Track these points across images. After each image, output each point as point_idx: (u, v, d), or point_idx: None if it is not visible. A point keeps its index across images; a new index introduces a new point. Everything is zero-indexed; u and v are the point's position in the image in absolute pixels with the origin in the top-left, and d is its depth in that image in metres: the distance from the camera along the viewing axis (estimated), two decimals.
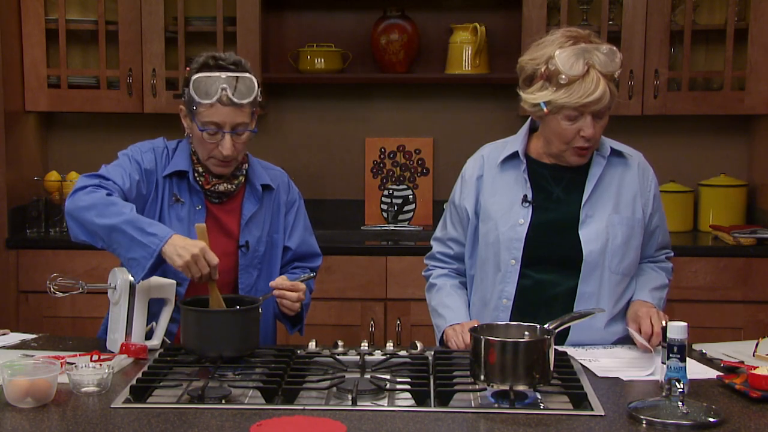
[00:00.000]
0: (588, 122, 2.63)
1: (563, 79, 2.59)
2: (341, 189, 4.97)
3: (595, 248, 2.71)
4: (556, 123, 2.67)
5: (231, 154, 2.72)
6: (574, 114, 2.63)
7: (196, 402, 2.18)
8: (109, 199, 2.61)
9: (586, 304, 2.71)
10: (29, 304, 4.38)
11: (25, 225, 4.53)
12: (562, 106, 2.61)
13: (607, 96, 2.61)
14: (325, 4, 4.85)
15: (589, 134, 2.64)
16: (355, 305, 4.32)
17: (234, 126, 2.71)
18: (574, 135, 2.66)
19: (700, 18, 4.64)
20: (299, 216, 3.00)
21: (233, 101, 2.68)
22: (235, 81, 2.69)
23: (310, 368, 2.47)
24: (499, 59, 4.73)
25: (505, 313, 2.75)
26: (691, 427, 2.04)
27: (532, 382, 2.19)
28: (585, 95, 2.59)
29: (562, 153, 2.72)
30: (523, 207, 2.76)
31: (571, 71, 2.58)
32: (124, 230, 2.54)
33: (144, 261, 2.53)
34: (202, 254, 2.52)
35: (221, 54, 2.77)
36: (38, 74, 4.56)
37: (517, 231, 2.74)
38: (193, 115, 2.73)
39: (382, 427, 2.04)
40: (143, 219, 2.59)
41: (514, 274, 2.75)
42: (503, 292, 2.76)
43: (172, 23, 4.59)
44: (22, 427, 2.05)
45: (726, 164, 4.77)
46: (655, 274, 2.86)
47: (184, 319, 2.54)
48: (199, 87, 2.69)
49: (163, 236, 2.53)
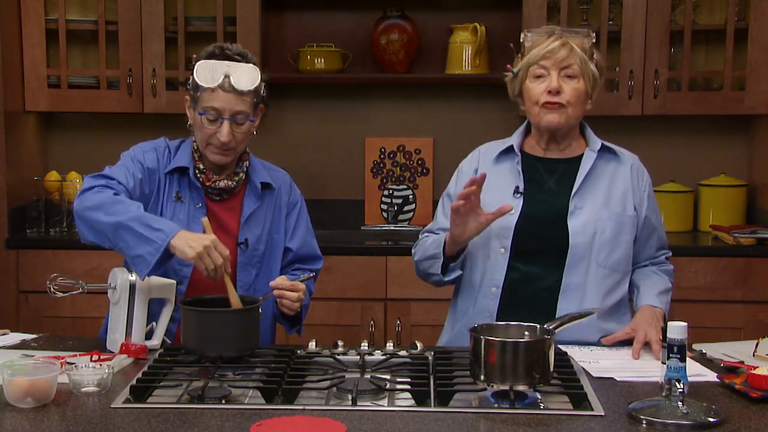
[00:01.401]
0: (553, 76, 2.74)
1: (529, 42, 2.77)
2: (341, 189, 4.98)
3: (582, 240, 2.74)
4: (526, 88, 2.79)
5: (228, 141, 2.73)
6: (540, 72, 2.75)
7: (196, 402, 2.18)
8: (115, 198, 2.62)
9: (570, 295, 2.74)
10: (29, 304, 4.38)
11: (25, 225, 4.53)
12: (528, 64, 2.76)
13: (568, 50, 2.74)
14: (325, 4, 4.86)
15: (554, 87, 2.73)
16: (355, 305, 4.32)
17: (234, 113, 2.72)
18: (541, 92, 2.75)
19: (700, 18, 4.64)
20: (301, 218, 3.01)
21: (235, 88, 2.70)
22: (238, 69, 2.72)
23: (310, 368, 2.47)
24: (499, 59, 4.72)
25: (493, 301, 2.78)
26: (691, 427, 2.04)
27: (532, 382, 2.19)
28: (545, 47, 2.74)
29: (537, 118, 2.79)
30: (515, 197, 2.79)
31: (537, 37, 2.77)
32: (131, 227, 2.55)
33: (149, 257, 2.53)
34: (214, 245, 2.53)
35: (228, 45, 2.81)
36: (38, 74, 4.56)
37: (508, 220, 2.76)
38: (195, 102, 2.75)
39: (382, 427, 2.04)
40: (150, 216, 2.60)
41: (503, 263, 2.77)
42: (492, 281, 2.78)
43: (172, 23, 4.60)
44: (22, 427, 2.05)
45: (726, 164, 4.78)
46: (658, 278, 2.88)
47: (184, 319, 2.55)
48: (202, 72, 2.71)
49: (169, 232, 2.54)
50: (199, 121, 2.74)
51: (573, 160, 2.83)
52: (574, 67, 2.73)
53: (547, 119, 2.76)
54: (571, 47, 2.73)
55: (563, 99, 2.73)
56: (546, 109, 2.75)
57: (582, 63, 2.74)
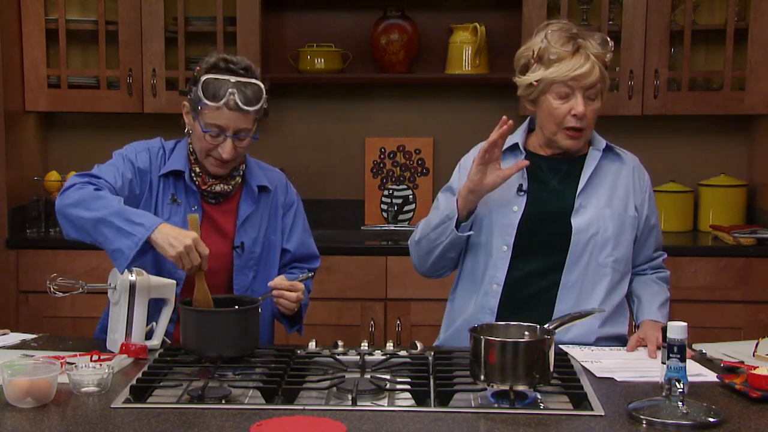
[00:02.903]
0: (579, 100, 2.70)
1: (553, 55, 2.69)
2: (341, 189, 4.98)
3: (583, 237, 2.75)
4: (547, 104, 2.73)
5: (230, 158, 2.73)
6: (565, 91, 2.70)
7: (196, 402, 2.18)
8: (96, 193, 2.61)
9: (569, 293, 2.74)
10: (29, 304, 4.39)
11: (25, 225, 4.54)
12: (552, 81, 2.70)
13: (596, 73, 2.69)
14: (325, 4, 4.86)
15: (580, 112, 2.69)
16: (355, 305, 4.33)
17: (237, 131, 2.71)
18: (565, 114, 2.71)
19: (700, 18, 4.65)
20: (298, 218, 3.00)
21: (240, 107, 2.67)
22: (244, 87, 2.69)
23: (310, 368, 2.47)
24: (499, 59, 4.74)
25: (495, 298, 2.78)
26: (691, 427, 2.05)
27: (532, 382, 2.20)
28: (573, 69, 2.67)
29: (555, 136, 2.77)
30: (518, 196, 2.79)
31: (561, 48, 2.68)
32: (110, 222, 2.54)
33: (128, 251, 2.52)
34: (195, 245, 2.53)
35: (232, 57, 2.77)
36: (38, 74, 4.57)
37: (511, 218, 2.77)
38: (197, 114, 2.72)
39: (382, 427, 2.04)
40: (131, 210, 2.59)
41: (506, 260, 2.77)
42: (494, 278, 2.78)
43: (172, 23, 4.60)
44: (22, 426, 2.06)
45: (726, 164, 4.78)
46: (658, 288, 2.89)
47: (183, 320, 2.55)
48: (208, 88, 2.68)
49: (150, 226, 2.53)
50: (200, 134, 2.72)
51: (576, 159, 2.83)
52: (597, 87, 2.71)
53: (566, 144, 2.77)
54: (597, 69, 2.68)
55: (585, 124, 2.73)
56: (567, 135, 2.74)
57: (603, 83, 2.72)
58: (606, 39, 2.75)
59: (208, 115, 2.69)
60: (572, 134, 2.75)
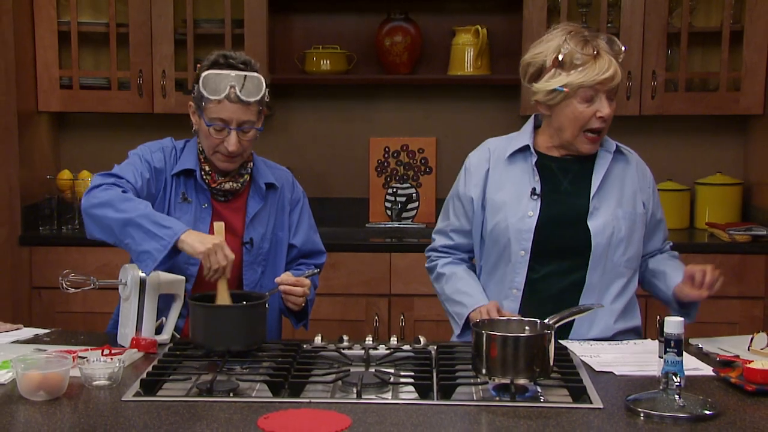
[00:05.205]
0: (604, 102, 2.71)
1: (578, 59, 2.68)
2: (346, 187, 5.00)
3: (602, 240, 2.75)
4: (571, 108, 2.72)
5: (236, 150, 2.76)
6: (590, 94, 2.70)
7: (204, 395, 2.20)
8: (124, 195, 2.65)
9: (592, 294, 2.75)
10: (42, 299, 4.42)
11: (38, 222, 4.56)
12: (580, 85, 2.69)
13: (618, 74, 2.71)
14: (330, 7, 4.87)
15: (607, 114, 2.71)
16: (359, 301, 4.34)
17: (240, 123, 2.75)
18: (590, 117, 2.72)
19: (696, 20, 4.66)
20: (304, 214, 3.03)
21: (241, 99, 2.71)
22: (244, 79, 2.73)
23: (315, 362, 2.49)
24: (500, 61, 4.76)
25: (514, 302, 2.78)
26: (688, 420, 2.06)
27: (533, 376, 2.21)
28: (601, 72, 2.68)
29: (574, 140, 2.77)
30: (532, 199, 2.78)
31: (585, 52, 2.68)
32: (139, 224, 2.57)
33: (157, 253, 2.55)
34: (222, 247, 2.57)
35: (232, 53, 2.81)
36: (51, 75, 4.59)
37: (527, 222, 2.76)
38: (201, 110, 2.77)
39: (387, 420, 2.06)
40: (159, 214, 2.63)
41: (524, 265, 2.77)
42: (513, 283, 2.79)
43: (182, 25, 4.62)
44: (35, 419, 2.07)
45: (722, 163, 4.80)
46: (678, 263, 2.90)
47: (192, 315, 2.56)
48: (209, 83, 2.73)
49: (178, 230, 2.57)
50: (206, 130, 2.77)
51: (585, 160, 2.82)
52: (617, 87, 2.74)
53: (586, 149, 2.77)
54: (617, 68, 2.71)
55: (606, 124, 2.75)
56: (587, 139, 2.75)
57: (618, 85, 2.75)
58: (612, 38, 2.76)
59: (211, 110, 2.74)
60: (592, 138, 2.75)
